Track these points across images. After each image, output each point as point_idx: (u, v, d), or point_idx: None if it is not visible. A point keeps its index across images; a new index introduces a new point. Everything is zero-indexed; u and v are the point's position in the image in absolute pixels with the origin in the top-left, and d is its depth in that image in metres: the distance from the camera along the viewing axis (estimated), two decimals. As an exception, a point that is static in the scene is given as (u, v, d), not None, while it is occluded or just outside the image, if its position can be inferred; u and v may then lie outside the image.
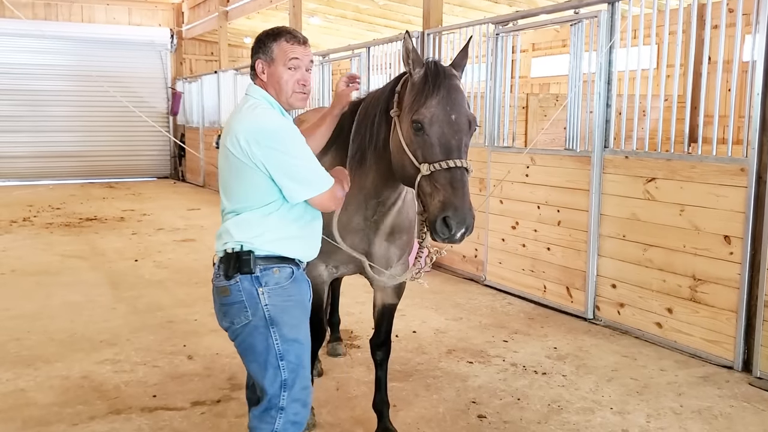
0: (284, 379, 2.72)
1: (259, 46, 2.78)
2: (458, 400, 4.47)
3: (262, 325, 2.69)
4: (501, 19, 7.12)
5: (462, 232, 2.71)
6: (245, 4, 15.19)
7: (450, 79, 2.90)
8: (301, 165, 2.66)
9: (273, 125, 2.65)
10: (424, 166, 2.80)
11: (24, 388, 4.57)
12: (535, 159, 6.69)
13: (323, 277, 3.72)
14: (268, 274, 2.70)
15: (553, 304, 6.53)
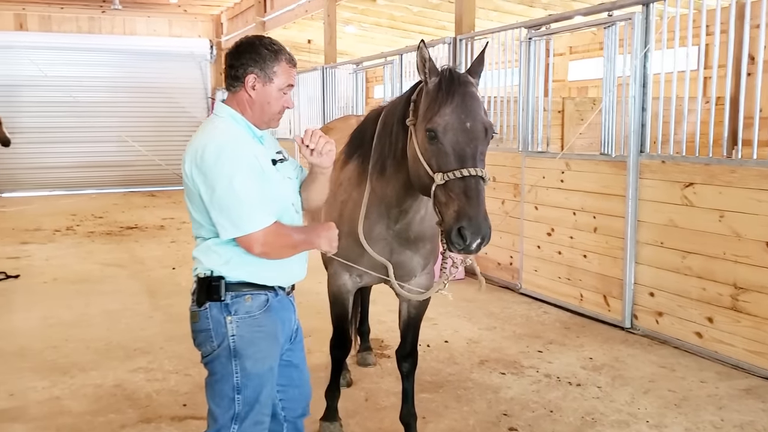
0: (237, 413, 2.56)
1: (255, 59, 2.55)
2: (489, 412, 4.39)
3: (225, 356, 2.53)
4: (533, 23, 7.03)
5: (478, 243, 2.65)
6: (281, 14, 15.32)
7: (465, 86, 2.84)
8: (235, 193, 2.42)
9: (216, 148, 2.43)
10: (438, 176, 2.75)
11: (59, 396, 4.64)
12: (570, 164, 6.57)
13: (347, 286, 3.69)
14: (239, 302, 2.54)
15: (589, 312, 6.39)
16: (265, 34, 16.41)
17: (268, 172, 2.56)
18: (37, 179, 18.37)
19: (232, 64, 2.58)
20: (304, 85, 13.27)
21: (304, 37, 17.41)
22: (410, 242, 3.47)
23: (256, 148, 2.58)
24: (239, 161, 2.45)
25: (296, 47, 18.88)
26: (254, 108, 2.59)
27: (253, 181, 2.46)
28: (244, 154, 2.47)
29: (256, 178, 2.48)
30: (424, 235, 3.49)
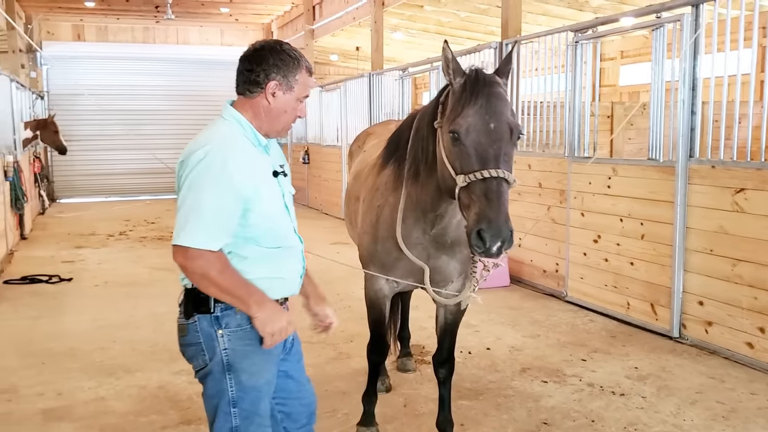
0: (235, 426, 2.44)
1: (278, 65, 2.43)
2: (529, 421, 4.32)
3: (218, 371, 2.42)
4: (580, 26, 6.92)
5: (498, 246, 2.60)
6: (330, 22, 15.46)
7: (491, 87, 2.81)
8: (192, 203, 2.28)
9: (204, 153, 2.31)
10: (460, 178, 2.72)
11: (104, 396, 4.75)
12: (617, 169, 6.44)
13: (384, 291, 3.68)
14: (230, 315, 2.41)
15: (636, 321, 6.24)
16: (314, 41, 16.63)
17: (263, 184, 2.44)
18: (93, 186, 18.90)
19: (251, 69, 2.44)
20: (351, 92, 13.34)
21: (353, 45, 17.54)
22: (447, 247, 3.44)
23: (257, 159, 2.46)
24: (219, 174, 2.30)
25: (345, 54, 19.05)
26: (269, 116, 2.47)
27: (223, 200, 2.30)
28: (229, 169, 2.31)
29: (234, 198, 2.32)
30: (461, 241, 3.46)
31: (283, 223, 2.53)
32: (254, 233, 2.42)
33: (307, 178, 16.21)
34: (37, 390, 4.85)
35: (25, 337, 6.10)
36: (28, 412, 4.49)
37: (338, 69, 20.72)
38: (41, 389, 4.86)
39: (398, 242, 3.38)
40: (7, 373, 5.18)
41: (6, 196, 10.04)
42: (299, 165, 16.73)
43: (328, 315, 2.78)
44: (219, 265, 2.31)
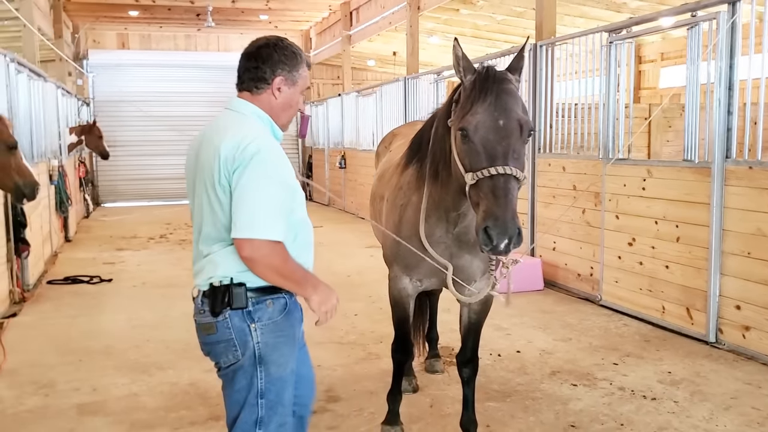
0: (260, 417, 2.50)
1: (284, 61, 2.52)
2: (556, 423, 4.27)
3: (250, 364, 2.47)
4: (614, 26, 6.84)
5: (505, 243, 2.58)
6: (367, 27, 15.55)
7: (501, 84, 2.80)
8: (255, 198, 2.34)
9: (252, 148, 2.36)
10: (469, 175, 2.72)
11: (137, 392, 4.85)
12: (651, 171, 6.34)
13: (408, 290, 3.69)
14: (262, 308, 2.46)
15: (672, 326, 6.12)
16: (351, 47, 16.75)
17: (294, 183, 2.52)
18: (136, 190, 19.31)
19: (257, 66, 2.51)
20: (387, 97, 13.40)
21: (389, 49, 17.60)
22: (470, 246, 3.44)
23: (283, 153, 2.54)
24: (277, 167, 2.40)
25: (382, 59, 19.13)
26: (275, 111, 2.55)
27: (283, 192, 2.41)
28: (282, 162, 2.44)
29: (286, 189, 2.43)
30: None
31: (304, 215, 2.62)
32: (295, 220, 2.51)
33: (344, 183, 16.30)
34: (73, 385, 4.97)
35: (64, 335, 6.26)
36: (64, 406, 4.61)
37: (375, 74, 20.81)
38: (77, 385, 4.98)
39: (421, 241, 3.39)
40: (46, 369, 5.32)
41: (51, 199, 10.33)
42: (336, 170, 16.85)
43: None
44: (284, 253, 2.40)
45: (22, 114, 8.31)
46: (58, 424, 4.33)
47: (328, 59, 19.63)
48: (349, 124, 16.25)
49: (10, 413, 4.50)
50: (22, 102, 8.45)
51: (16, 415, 4.47)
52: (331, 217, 15.52)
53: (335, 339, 6.06)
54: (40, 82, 9.93)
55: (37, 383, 5.02)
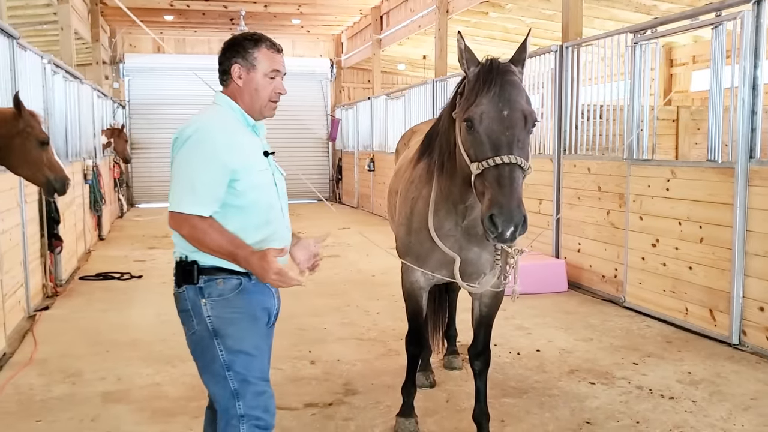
0: (234, 389, 2.63)
1: (237, 50, 2.67)
2: (571, 420, 4.28)
3: (207, 336, 2.63)
4: (638, 27, 6.81)
5: (511, 231, 2.63)
6: (396, 31, 15.64)
7: (504, 75, 2.85)
8: (183, 175, 2.54)
9: (194, 128, 2.55)
10: (474, 165, 2.77)
11: (159, 382, 4.97)
12: (675, 172, 6.30)
13: (420, 283, 3.74)
14: (212, 285, 2.61)
15: (695, 327, 6.07)
16: (381, 51, 16.85)
17: (252, 159, 2.63)
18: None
19: (221, 62, 2.71)
20: (415, 100, 13.46)
21: (419, 53, 17.66)
22: (478, 239, 3.48)
23: (246, 136, 2.68)
24: (208, 146, 2.52)
25: (412, 63, 19.21)
26: (244, 96, 2.69)
27: (211, 170, 2.52)
28: (218, 143, 2.53)
29: (220, 169, 2.52)
30: None
31: (270, 197, 2.71)
32: (242, 202, 2.61)
33: (372, 186, 16.40)
34: (99, 375, 5.12)
35: (94, 327, 6.44)
36: (90, 393, 4.75)
37: (406, 78, 20.89)
38: (103, 374, 5.13)
39: (431, 234, 3.44)
40: (74, 359, 5.48)
41: (85, 198, 10.59)
42: (365, 173, 16.95)
43: (309, 254, 2.85)
44: (205, 227, 2.52)
45: (57, 114, 8.55)
46: (84, 410, 4.47)
47: (359, 63, 19.77)
48: (378, 127, 16.35)
49: (39, 399, 4.66)
50: (58, 102, 8.70)
51: (44, 402, 4.62)
52: (359, 219, 15.63)
53: (356, 335, 6.13)
54: (76, 84, 10.21)
55: (65, 372, 5.18)
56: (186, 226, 2.54)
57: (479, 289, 3.52)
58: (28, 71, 7.13)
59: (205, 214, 2.53)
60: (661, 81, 13.48)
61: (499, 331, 6.02)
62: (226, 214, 2.60)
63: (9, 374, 5.12)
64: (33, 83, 7.40)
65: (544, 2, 11.88)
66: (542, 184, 8.41)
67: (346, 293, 7.87)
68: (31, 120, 5.11)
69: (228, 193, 2.57)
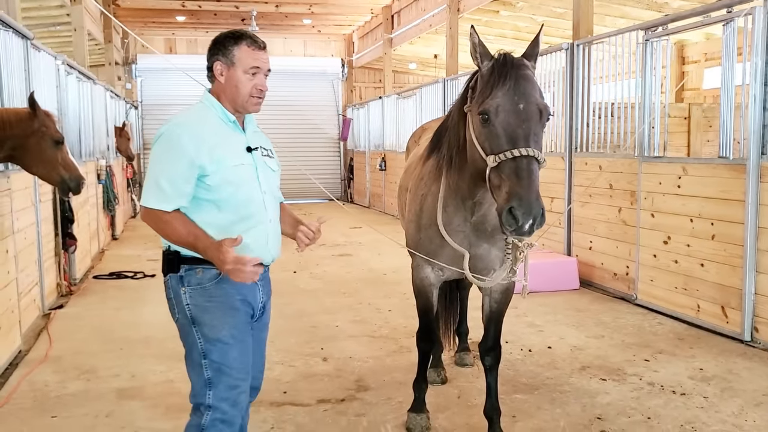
0: (208, 378, 2.70)
1: (219, 48, 2.74)
2: (582, 415, 4.29)
3: (186, 323, 2.73)
4: (649, 24, 6.80)
5: (530, 224, 2.63)
6: (407, 30, 15.66)
7: (519, 69, 2.87)
8: (151, 172, 2.64)
9: (162, 130, 2.66)
10: (491, 158, 2.77)
11: (173, 379, 5.01)
12: (687, 169, 6.28)
13: (430, 279, 3.76)
14: (191, 274, 2.70)
15: (706, 324, 6.06)
16: (392, 50, 16.87)
17: (228, 155, 2.67)
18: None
19: (207, 60, 2.79)
20: (426, 99, 13.47)
21: (430, 52, 17.68)
22: (488, 235, 3.49)
23: (224, 133, 2.72)
24: (175, 144, 2.60)
25: (423, 62, 19.22)
26: (227, 93, 2.75)
27: (176, 166, 2.59)
28: (185, 140, 2.60)
29: (184, 165, 2.59)
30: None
31: (250, 193, 2.75)
32: (215, 196, 2.67)
33: (384, 185, 16.42)
34: (113, 372, 5.17)
35: (107, 325, 6.50)
36: (104, 390, 4.81)
37: (417, 77, 20.91)
38: (117, 371, 5.18)
39: (440, 230, 3.46)
40: (88, 356, 5.54)
41: (99, 198, 10.68)
42: (376, 172, 16.98)
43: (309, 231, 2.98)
44: (168, 219, 2.61)
45: (71, 114, 8.63)
46: (98, 406, 4.52)
47: (370, 62, 19.81)
48: (389, 126, 16.37)
49: (54, 396, 4.71)
50: (71, 102, 8.78)
51: (59, 398, 4.68)
52: (371, 218, 15.66)
53: (368, 333, 6.16)
54: (89, 84, 10.29)
55: (80, 369, 5.24)
56: (151, 220, 2.64)
57: (489, 283, 3.54)
58: (42, 72, 7.21)
59: (168, 209, 2.61)
60: (672, 79, 13.42)
61: (511, 328, 6.04)
62: (201, 208, 2.67)
63: (25, 371, 5.18)
64: (47, 83, 7.48)
65: (555, 0, 11.87)
66: (553, 182, 8.41)
67: (358, 291, 7.90)
68: (46, 120, 5.17)
69: (199, 187, 2.64)
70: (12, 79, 6.01)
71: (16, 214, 5.80)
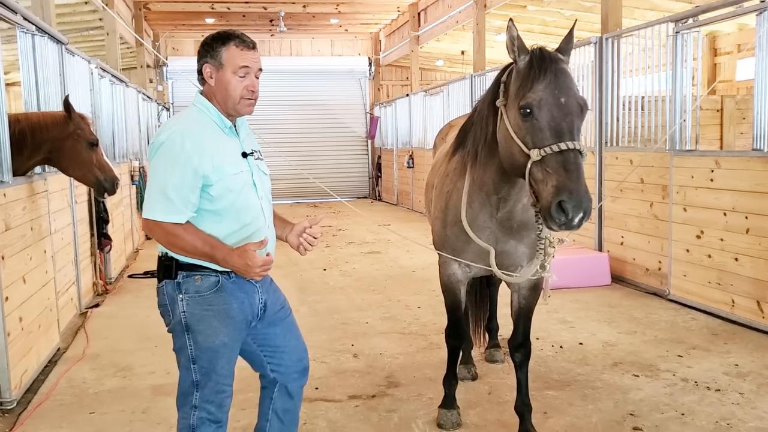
0: (196, 380, 2.72)
1: (207, 50, 2.70)
2: (614, 412, 4.27)
3: (180, 330, 2.71)
4: (679, 16, 6.71)
5: (580, 217, 2.63)
6: (434, 27, 15.64)
7: (557, 63, 2.87)
8: (154, 182, 2.59)
9: (162, 137, 2.60)
10: (535, 152, 2.76)
11: (207, 375, 5.09)
12: (719, 162, 6.20)
13: (457, 276, 3.77)
14: (189, 282, 2.68)
15: (741, 319, 5.97)
16: (419, 47, 16.87)
17: (226, 163, 2.65)
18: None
19: (196, 63, 2.76)
20: (454, 95, 13.45)
21: (457, 49, 17.63)
22: (514, 231, 3.49)
23: (221, 139, 2.70)
24: (178, 153, 2.56)
25: (450, 59, 19.16)
26: (218, 96, 2.71)
27: (182, 177, 2.55)
28: (188, 149, 2.56)
29: (189, 175, 2.56)
30: (528, 224, 3.49)
31: (248, 200, 2.75)
32: (217, 206, 2.66)
33: (412, 182, 16.43)
34: (149, 369, 5.27)
35: (142, 323, 6.61)
36: (140, 387, 4.90)
37: (444, 74, 20.85)
38: (153, 368, 5.28)
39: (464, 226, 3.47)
40: (125, 354, 5.65)
41: (132, 198, 10.86)
42: (404, 170, 16.99)
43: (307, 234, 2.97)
44: (179, 231, 2.59)
45: (104, 116, 8.79)
46: (134, 402, 4.61)
47: (397, 60, 19.81)
48: (417, 123, 16.37)
49: (92, 392, 4.82)
50: (105, 105, 8.94)
51: (97, 395, 4.78)
52: (399, 216, 15.69)
53: (398, 329, 6.19)
54: (122, 87, 10.46)
55: (117, 366, 5.35)
56: (159, 232, 2.61)
57: (518, 279, 3.53)
58: (76, 75, 7.35)
59: (180, 221, 2.59)
60: (704, 71, 13.22)
61: (542, 324, 6.02)
62: (203, 218, 2.66)
63: (63, 368, 5.31)
64: (81, 87, 7.62)
65: (583, -6, 11.77)
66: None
67: (387, 288, 7.93)
68: (81, 122, 5.28)
69: (202, 198, 2.63)
70: (48, 84, 6.15)
71: (53, 215, 5.93)
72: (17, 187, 4.94)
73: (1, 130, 4.68)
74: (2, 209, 4.54)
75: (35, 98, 5.87)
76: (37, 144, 5.18)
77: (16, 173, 5.02)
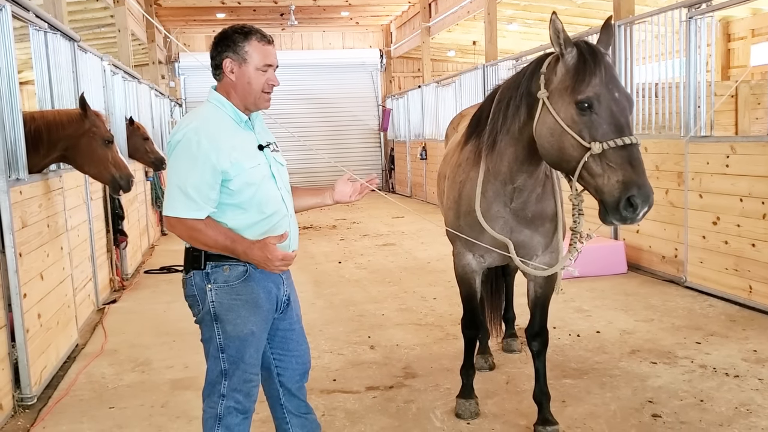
0: (224, 369, 2.74)
1: (228, 44, 2.67)
2: (633, 399, 4.26)
3: (209, 319, 2.72)
4: (693, 1, 6.63)
5: (645, 211, 2.67)
6: (445, 18, 15.59)
7: (605, 58, 2.87)
8: (174, 180, 2.61)
9: (178, 136, 2.62)
10: (597, 145, 2.75)
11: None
12: (735, 148, 6.14)
13: (472, 266, 3.76)
14: (218, 272, 2.69)
15: (759, 305, 5.93)
16: (430, 38, 16.83)
17: (244, 157, 2.66)
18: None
19: (212, 56, 2.73)
20: (466, 86, 13.41)
21: (469, 39, 17.57)
22: (528, 221, 3.48)
23: (238, 134, 2.70)
24: (196, 151, 2.57)
25: (462, 49, 19.11)
26: (237, 90, 2.70)
27: (201, 173, 2.57)
28: (205, 146, 2.58)
29: (208, 171, 2.58)
30: (543, 214, 3.48)
31: (268, 191, 2.75)
32: (238, 200, 2.68)
33: (425, 174, 16.41)
34: (167, 363, 5.31)
35: (160, 318, 6.66)
36: (159, 381, 4.94)
37: (456, 65, 20.79)
38: (171, 363, 5.32)
39: (478, 217, 3.46)
40: (143, 349, 5.70)
41: (147, 194, 10.92)
42: (417, 161, 16.97)
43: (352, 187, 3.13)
44: (201, 227, 2.61)
45: (117, 113, 8.83)
46: (153, 397, 4.65)
47: (408, 52, 19.78)
48: (429, 115, 16.34)
49: (111, 387, 4.87)
50: (118, 102, 8.99)
51: (116, 389, 4.82)
52: (413, 207, 15.65)
53: (414, 321, 6.19)
54: (134, 84, 10.51)
55: (135, 361, 5.39)
56: (181, 228, 2.63)
57: (544, 273, 3.49)
58: (89, 72, 7.40)
59: (201, 217, 2.61)
60: (718, 56, 13.10)
61: (558, 314, 6.01)
62: (225, 212, 2.68)
63: (82, 364, 5.35)
64: (94, 84, 7.67)
65: (594, -19, 11.68)
66: (598, 166, 8.28)
67: (402, 280, 7.94)
68: (96, 120, 5.31)
69: (223, 193, 2.64)
70: (61, 81, 6.18)
71: (68, 212, 5.97)
72: (33, 185, 4.98)
73: (16, 129, 4.71)
74: (18, 206, 4.58)
75: (49, 96, 5.91)
76: (52, 142, 5.21)
77: (32, 171, 5.06)
